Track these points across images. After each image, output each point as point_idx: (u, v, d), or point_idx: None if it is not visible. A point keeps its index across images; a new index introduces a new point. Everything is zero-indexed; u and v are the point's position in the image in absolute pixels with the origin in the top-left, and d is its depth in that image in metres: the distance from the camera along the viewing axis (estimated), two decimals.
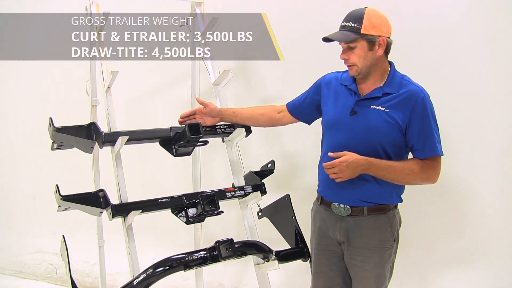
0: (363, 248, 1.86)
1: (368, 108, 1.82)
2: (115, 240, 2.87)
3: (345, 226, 1.89)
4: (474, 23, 2.50)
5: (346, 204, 1.87)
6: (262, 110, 2.18)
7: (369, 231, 1.86)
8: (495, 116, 2.50)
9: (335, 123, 1.89)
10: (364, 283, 1.89)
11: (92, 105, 2.48)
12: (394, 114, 1.78)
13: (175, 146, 2.12)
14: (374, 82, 1.85)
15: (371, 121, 1.80)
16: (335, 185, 1.86)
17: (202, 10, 2.48)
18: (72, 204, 1.89)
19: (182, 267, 1.85)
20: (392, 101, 1.80)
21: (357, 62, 1.80)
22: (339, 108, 1.90)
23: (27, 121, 4.07)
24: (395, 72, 1.87)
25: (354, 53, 1.79)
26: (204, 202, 1.99)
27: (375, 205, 1.85)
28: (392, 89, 1.81)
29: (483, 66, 2.50)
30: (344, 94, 1.92)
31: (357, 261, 1.88)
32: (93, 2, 2.23)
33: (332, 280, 1.98)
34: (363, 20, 1.76)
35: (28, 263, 3.86)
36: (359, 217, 1.86)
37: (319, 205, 2.02)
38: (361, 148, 1.79)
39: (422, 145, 1.79)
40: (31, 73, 3.98)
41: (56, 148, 2.03)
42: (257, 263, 2.15)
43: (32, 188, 4.08)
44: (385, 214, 1.86)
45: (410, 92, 1.79)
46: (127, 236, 1.93)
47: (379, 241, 1.86)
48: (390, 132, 1.79)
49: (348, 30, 1.78)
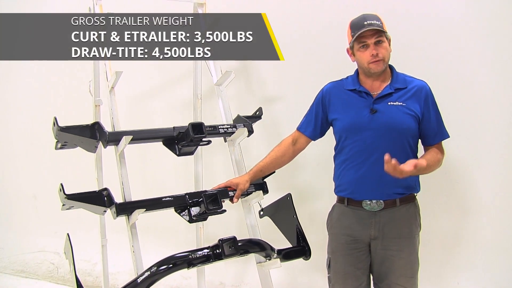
0: (398, 238, 1.92)
1: (385, 105, 1.91)
2: (116, 239, 2.89)
3: (379, 220, 1.92)
4: (474, 22, 2.51)
5: (379, 199, 1.91)
6: (280, 151, 2.16)
7: (402, 220, 1.93)
8: (495, 114, 2.51)
9: (356, 125, 1.93)
10: (402, 271, 1.92)
11: (95, 105, 2.50)
12: (412, 106, 1.90)
13: (178, 145, 2.15)
14: (383, 80, 1.95)
15: (394, 116, 1.89)
16: (365, 184, 1.91)
17: (205, 10, 2.51)
18: (76, 203, 1.91)
19: (185, 265, 1.86)
20: (406, 95, 1.91)
21: (385, 56, 1.89)
22: (354, 111, 1.95)
23: (27, 121, 4.08)
24: (396, 71, 1.99)
25: (383, 47, 1.88)
26: (207, 201, 2.01)
27: (405, 195, 1.94)
28: (401, 84, 1.93)
29: (482, 64, 2.51)
30: (353, 97, 1.97)
31: (393, 251, 1.92)
32: (97, 2, 2.25)
33: (360, 279, 1.99)
34: (381, 19, 1.89)
35: (29, 263, 3.88)
36: (392, 208, 1.92)
37: (345, 207, 2.01)
38: (386, 144, 1.87)
39: (436, 131, 1.94)
40: (31, 73, 4.00)
41: (60, 147, 2.05)
42: (259, 262, 2.16)
43: (33, 187, 4.09)
44: (413, 203, 1.98)
45: (419, 86, 1.93)
46: (131, 235, 1.95)
47: (411, 229, 1.95)
48: (413, 125, 1.90)
49: (376, 26, 1.86)
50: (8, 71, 4.12)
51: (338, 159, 2.04)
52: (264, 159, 2.16)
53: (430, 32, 2.59)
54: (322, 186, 2.38)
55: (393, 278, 1.92)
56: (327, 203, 2.21)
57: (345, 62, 2.12)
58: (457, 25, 2.55)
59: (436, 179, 2.58)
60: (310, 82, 2.22)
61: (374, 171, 1.87)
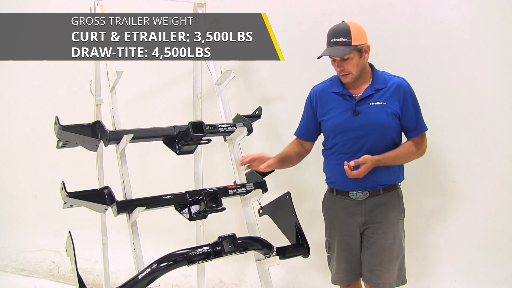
0: (383, 222, 2.09)
1: (367, 106, 2.05)
2: (116, 238, 2.91)
3: (365, 207, 2.09)
4: (474, 24, 2.52)
5: (364, 190, 2.08)
6: (294, 147, 2.29)
7: (386, 206, 2.09)
8: (493, 114, 2.52)
9: (341, 127, 2.08)
10: (388, 252, 2.08)
11: (96, 104, 2.51)
12: (392, 104, 2.04)
13: (178, 144, 2.17)
14: (363, 82, 2.08)
15: (375, 116, 2.03)
16: (352, 179, 2.04)
17: (205, 11, 2.52)
18: (78, 201, 1.93)
19: (185, 262, 1.89)
20: (385, 95, 2.05)
21: (352, 70, 2.02)
22: (340, 113, 2.09)
23: (28, 120, 4.09)
24: (376, 70, 2.12)
25: (349, 63, 2.00)
26: (207, 198, 2.03)
27: (387, 185, 2.10)
28: (381, 85, 2.07)
29: (482, 65, 2.51)
30: (338, 100, 2.11)
31: (380, 234, 2.08)
32: (97, 3, 2.27)
33: (353, 262, 2.16)
34: (351, 33, 1.97)
35: (30, 261, 3.89)
36: (376, 196, 2.09)
37: (334, 196, 2.18)
38: (370, 142, 2.04)
39: (415, 125, 2.08)
40: (32, 73, 4.01)
41: (61, 146, 2.07)
42: (258, 259, 2.18)
43: (34, 186, 4.10)
44: (396, 191, 2.14)
45: (397, 84, 2.06)
46: (131, 232, 1.97)
47: (395, 214, 2.11)
48: (394, 122, 2.05)
49: (340, 45, 1.98)
50: (9, 71, 4.13)
51: (326, 153, 2.19)
52: (285, 151, 2.27)
53: (430, 34, 2.60)
54: (321, 185, 2.38)
55: (379, 261, 2.09)
56: None
57: None
58: (456, 25, 2.56)
59: (436, 180, 2.61)
60: (309, 81, 2.23)
61: (358, 167, 1.98)
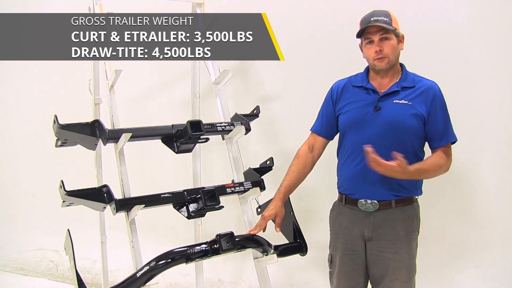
0: (393, 240, 1.89)
1: (390, 103, 1.89)
2: (115, 237, 2.92)
3: (373, 221, 1.91)
4: (476, 23, 2.55)
5: (374, 199, 1.90)
6: (301, 164, 2.08)
7: (398, 223, 1.90)
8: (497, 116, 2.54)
9: (358, 121, 1.92)
10: (397, 274, 1.90)
11: (95, 103, 2.52)
12: (418, 106, 1.87)
13: (176, 143, 2.18)
14: (391, 78, 1.93)
15: (397, 115, 1.86)
16: (362, 182, 1.91)
17: (203, 10, 2.53)
18: (77, 199, 1.94)
19: (184, 260, 1.89)
20: (412, 94, 1.88)
21: (390, 53, 1.86)
22: (360, 107, 1.94)
23: (27, 120, 4.11)
24: (406, 70, 1.97)
25: (388, 45, 1.86)
26: (205, 197, 2.04)
27: (401, 197, 1.90)
28: (409, 83, 1.90)
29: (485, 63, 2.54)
30: (361, 94, 1.96)
31: (389, 253, 1.90)
32: (96, 2, 2.28)
33: (355, 280, 1.99)
34: (391, 16, 1.87)
35: (29, 260, 3.90)
36: (387, 210, 1.90)
37: (343, 206, 2.01)
38: (388, 143, 1.85)
39: (442, 134, 1.89)
40: (31, 73, 4.03)
41: (60, 145, 2.08)
42: (256, 257, 2.19)
43: (32, 186, 4.11)
44: (411, 205, 1.93)
45: (427, 86, 1.89)
46: (130, 230, 1.98)
47: (407, 232, 1.91)
48: (417, 124, 1.87)
49: (381, 22, 1.84)
50: (8, 71, 4.14)
51: (339, 153, 2.05)
52: (287, 177, 2.07)
53: (433, 33, 2.62)
54: (320, 183, 2.39)
55: (387, 281, 1.91)
56: (324, 200, 2.23)
57: (344, 62, 2.13)
58: (459, 26, 2.58)
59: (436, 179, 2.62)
60: (310, 82, 2.24)
61: (371, 169, 1.80)
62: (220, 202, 2.07)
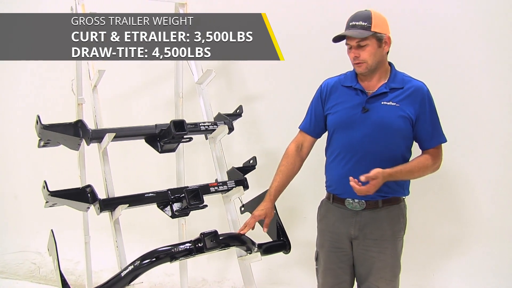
0: (379, 239, 1.91)
1: (378, 104, 1.89)
2: (98, 238, 2.91)
3: (360, 220, 1.92)
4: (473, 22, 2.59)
5: (361, 199, 1.91)
6: (289, 164, 2.09)
7: (384, 222, 1.91)
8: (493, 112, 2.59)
9: (346, 122, 1.93)
10: (381, 273, 1.91)
11: (78, 103, 2.51)
12: (406, 107, 1.87)
13: (160, 142, 2.19)
14: (379, 79, 1.92)
15: (384, 117, 1.87)
16: (348, 183, 1.85)
17: (186, 11, 2.54)
18: (60, 199, 1.93)
19: (168, 259, 1.90)
20: (400, 96, 1.88)
21: (368, 59, 1.86)
22: (348, 107, 1.94)
23: (7, 121, 4.05)
24: (395, 70, 1.96)
25: (365, 50, 1.85)
26: (189, 196, 2.06)
27: (388, 197, 1.92)
28: (397, 84, 1.90)
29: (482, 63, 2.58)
30: (349, 94, 1.96)
31: (374, 253, 1.91)
32: (79, 2, 2.27)
33: (340, 277, 2.00)
34: (372, 19, 1.84)
35: (10, 263, 3.84)
36: (374, 209, 1.91)
37: (330, 204, 2.02)
38: (373, 144, 1.87)
39: (431, 135, 1.90)
40: (14, 73, 3.97)
41: (43, 145, 2.07)
42: (240, 255, 2.21)
43: (14, 187, 4.06)
44: (398, 205, 1.95)
45: (416, 87, 1.89)
46: (114, 230, 1.98)
47: (393, 232, 1.93)
48: (405, 126, 1.87)
49: (359, 28, 1.84)
50: None
51: (327, 152, 2.05)
52: (277, 177, 2.09)
53: (430, 32, 2.65)
54: (304, 182, 2.41)
55: (372, 280, 1.92)
56: (309, 198, 2.25)
57: (327, 63, 2.14)
58: (456, 25, 2.61)
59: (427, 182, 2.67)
60: (309, 81, 2.22)
61: (358, 170, 1.81)
62: (204, 201, 2.09)
